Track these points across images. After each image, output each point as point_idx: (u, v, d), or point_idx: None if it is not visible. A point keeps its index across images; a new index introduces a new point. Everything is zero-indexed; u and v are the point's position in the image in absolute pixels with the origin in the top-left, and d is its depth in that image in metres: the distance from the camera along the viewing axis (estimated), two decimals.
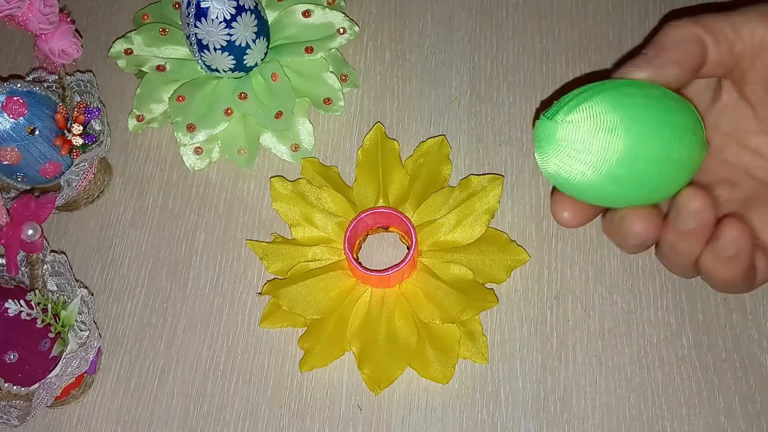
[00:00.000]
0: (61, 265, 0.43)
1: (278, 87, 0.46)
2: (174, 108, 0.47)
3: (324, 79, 0.48)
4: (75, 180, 0.45)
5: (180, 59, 0.48)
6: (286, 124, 0.46)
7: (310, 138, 0.48)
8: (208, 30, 0.43)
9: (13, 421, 0.40)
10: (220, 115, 0.46)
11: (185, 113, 0.47)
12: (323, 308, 0.42)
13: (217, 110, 0.46)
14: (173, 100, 0.47)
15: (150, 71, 0.48)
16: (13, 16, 0.45)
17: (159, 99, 0.48)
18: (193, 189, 0.48)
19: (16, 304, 0.38)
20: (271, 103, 0.46)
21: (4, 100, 0.41)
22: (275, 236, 0.46)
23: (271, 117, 0.46)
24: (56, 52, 0.47)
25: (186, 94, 0.47)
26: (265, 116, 0.46)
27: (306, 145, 0.47)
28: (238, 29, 0.43)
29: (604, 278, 0.44)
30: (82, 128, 0.44)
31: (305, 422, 0.42)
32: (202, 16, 0.42)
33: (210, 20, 0.42)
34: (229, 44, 0.44)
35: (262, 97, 0.46)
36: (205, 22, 0.42)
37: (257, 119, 0.46)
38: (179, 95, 0.47)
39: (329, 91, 0.48)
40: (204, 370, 0.43)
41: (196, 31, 0.43)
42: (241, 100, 0.46)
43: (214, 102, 0.47)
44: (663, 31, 0.32)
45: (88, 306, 0.43)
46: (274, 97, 0.46)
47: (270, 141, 0.47)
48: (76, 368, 0.40)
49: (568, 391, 0.41)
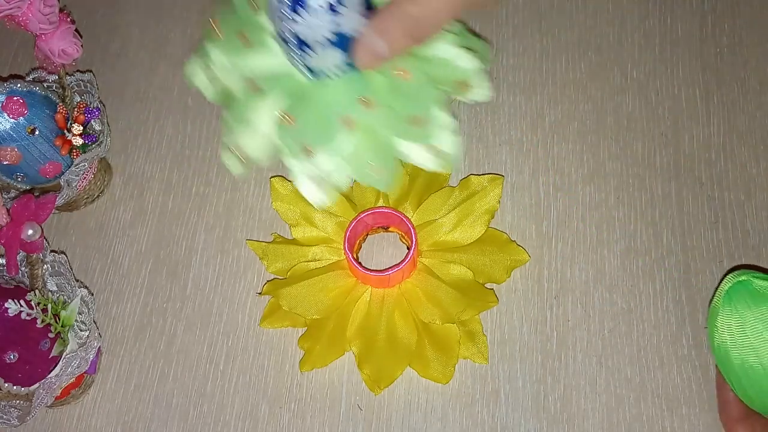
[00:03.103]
0: (61, 265, 0.43)
1: (410, 85, 0.36)
2: (281, 131, 0.36)
3: (455, 60, 0.38)
4: (75, 180, 0.45)
5: (274, 70, 0.38)
6: (427, 130, 0.36)
7: (453, 138, 0.37)
8: (309, 21, 0.34)
9: (13, 421, 0.40)
10: (341, 129, 0.36)
11: (296, 135, 0.36)
12: (323, 308, 0.41)
13: (335, 123, 0.36)
14: (278, 121, 0.37)
15: (239, 92, 0.38)
16: (13, 16, 0.45)
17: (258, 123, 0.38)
18: (193, 189, 0.48)
19: (16, 304, 0.38)
20: (403, 107, 0.36)
21: (4, 100, 0.41)
22: (275, 236, 0.46)
23: (407, 124, 0.36)
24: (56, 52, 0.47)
25: (292, 110, 0.37)
26: (399, 124, 0.36)
27: (449, 147, 0.37)
28: (346, 14, 0.34)
29: (604, 278, 0.44)
30: (82, 128, 0.44)
31: (305, 422, 0.42)
32: (298, 4, 0.33)
33: (310, 7, 0.34)
34: (337, 36, 0.35)
35: (388, 99, 0.37)
36: (305, 12, 0.34)
37: (389, 129, 0.37)
38: (284, 114, 0.37)
39: (466, 73, 0.37)
40: (204, 370, 0.43)
41: (294, 26, 0.34)
42: (364, 107, 0.36)
43: (329, 114, 0.37)
44: None
45: (88, 306, 0.43)
46: (406, 99, 0.36)
47: (409, 149, 0.37)
48: (76, 368, 0.40)
49: (568, 391, 0.41)
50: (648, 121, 0.47)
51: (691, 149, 0.46)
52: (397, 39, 0.34)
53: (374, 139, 0.37)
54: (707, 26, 0.50)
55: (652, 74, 0.49)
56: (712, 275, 0.43)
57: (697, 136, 0.47)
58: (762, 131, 0.46)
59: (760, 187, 0.45)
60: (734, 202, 0.45)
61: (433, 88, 0.37)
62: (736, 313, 0.36)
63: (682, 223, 0.45)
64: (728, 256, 0.43)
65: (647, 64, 0.49)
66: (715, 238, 0.44)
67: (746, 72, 0.48)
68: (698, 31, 0.49)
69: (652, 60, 0.49)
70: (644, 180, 0.46)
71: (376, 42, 0.34)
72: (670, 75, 0.49)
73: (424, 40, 0.35)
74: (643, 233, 0.44)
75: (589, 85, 0.49)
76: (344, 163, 0.37)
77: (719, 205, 0.45)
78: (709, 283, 0.43)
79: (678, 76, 0.48)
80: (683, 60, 0.49)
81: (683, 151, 0.46)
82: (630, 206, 0.45)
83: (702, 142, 0.47)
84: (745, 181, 0.45)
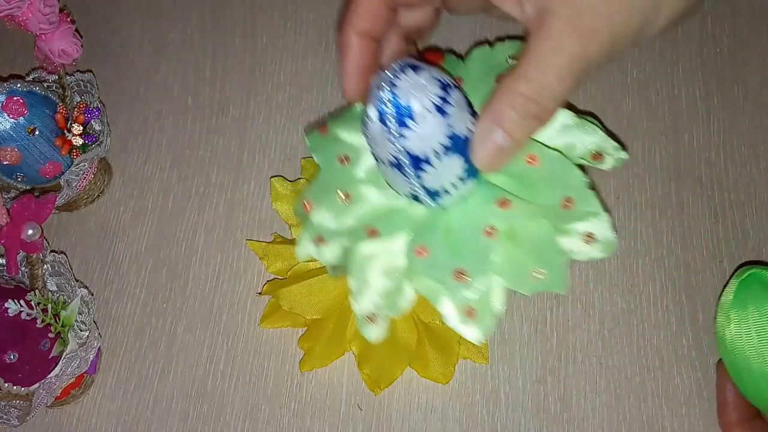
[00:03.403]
0: (61, 265, 0.43)
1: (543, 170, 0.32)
2: (416, 264, 0.32)
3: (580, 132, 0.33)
4: (75, 180, 0.45)
5: (385, 212, 0.34)
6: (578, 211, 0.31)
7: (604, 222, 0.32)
8: (419, 132, 0.29)
9: (13, 421, 0.40)
10: (484, 241, 0.31)
11: (435, 264, 0.31)
12: (323, 308, 0.41)
13: (479, 238, 0.31)
14: (410, 254, 0.32)
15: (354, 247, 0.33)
16: (13, 16, 0.45)
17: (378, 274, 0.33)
18: (193, 189, 0.48)
19: (16, 304, 0.38)
20: (543, 195, 0.32)
21: (4, 100, 0.41)
22: (275, 236, 0.46)
23: (554, 212, 0.31)
24: (56, 52, 0.47)
25: (423, 242, 0.32)
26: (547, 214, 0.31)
27: (603, 233, 0.32)
28: (455, 113, 0.30)
29: (604, 278, 0.44)
30: (82, 128, 0.44)
31: (305, 422, 0.42)
32: (405, 116, 0.29)
33: (418, 115, 0.29)
34: (451, 140, 0.30)
35: (525, 193, 0.32)
36: (413, 123, 0.29)
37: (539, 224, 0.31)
38: (416, 248, 0.32)
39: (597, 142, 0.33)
40: (204, 370, 0.43)
41: (404, 143, 0.30)
42: (502, 209, 0.31)
43: (468, 230, 0.32)
44: None
45: (88, 306, 0.43)
46: (544, 185, 0.32)
47: (570, 243, 0.32)
48: (76, 368, 0.40)
49: (568, 391, 0.41)
50: (648, 121, 0.47)
51: (691, 149, 0.46)
52: (516, 124, 0.29)
53: (527, 240, 0.31)
54: (707, 26, 0.50)
55: (652, 74, 0.49)
56: (712, 275, 0.43)
57: (697, 136, 0.47)
58: (762, 131, 0.46)
59: (760, 187, 0.45)
60: (734, 202, 0.45)
61: (571, 164, 0.32)
62: (752, 306, 0.36)
63: (682, 223, 0.45)
64: (728, 256, 0.43)
65: (647, 64, 0.49)
66: (715, 238, 0.44)
67: (746, 72, 0.48)
68: (698, 31, 0.49)
69: (652, 60, 0.49)
70: (644, 180, 0.46)
71: (495, 133, 0.29)
72: (670, 75, 0.48)
73: (546, 119, 0.30)
74: (643, 233, 0.44)
75: (589, 85, 0.49)
76: (502, 279, 0.31)
77: (719, 205, 0.45)
78: (709, 283, 0.43)
79: (678, 76, 0.48)
80: (683, 60, 0.49)
81: (683, 151, 0.46)
82: (630, 206, 0.45)
83: (702, 142, 0.46)
84: (745, 181, 0.45)
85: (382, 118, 0.29)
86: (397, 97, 0.29)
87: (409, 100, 0.29)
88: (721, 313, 0.37)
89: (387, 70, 0.30)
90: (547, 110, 0.29)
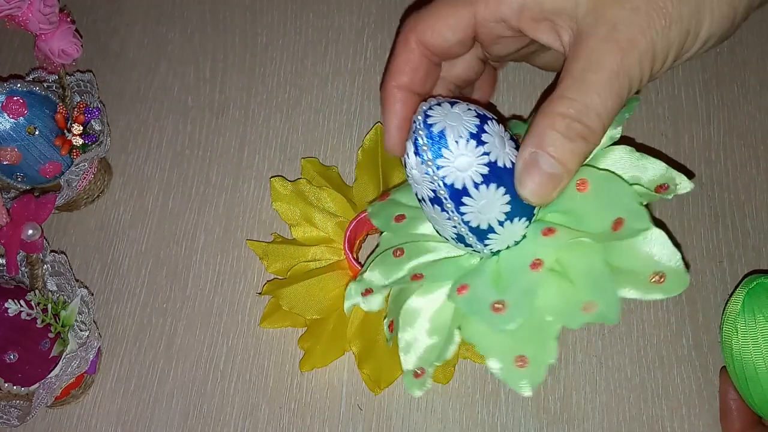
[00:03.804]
0: (61, 265, 0.43)
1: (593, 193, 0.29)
2: (457, 301, 0.30)
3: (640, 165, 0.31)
4: (75, 180, 0.45)
5: (434, 261, 0.33)
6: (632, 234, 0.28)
7: (671, 251, 0.28)
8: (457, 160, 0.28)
9: (13, 421, 0.40)
10: (529, 276, 0.29)
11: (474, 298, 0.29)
12: (323, 308, 0.41)
13: (520, 274, 0.29)
14: (452, 293, 0.30)
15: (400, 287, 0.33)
16: (13, 16, 0.45)
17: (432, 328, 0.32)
18: (193, 189, 0.48)
19: (16, 304, 0.38)
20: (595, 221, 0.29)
21: (4, 100, 0.41)
22: (275, 236, 0.46)
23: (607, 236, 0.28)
24: (56, 52, 0.47)
25: (465, 281, 0.30)
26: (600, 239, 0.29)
27: (671, 263, 0.28)
28: (491, 141, 0.29)
29: None
30: (82, 128, 0.44)
31: (305, 422, 0.42)
32: (438, 151, 0.28)
33: (453, 144, 0.28)
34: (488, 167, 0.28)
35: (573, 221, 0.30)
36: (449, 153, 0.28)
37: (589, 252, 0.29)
38: (457, 287, 0.30)
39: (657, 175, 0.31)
40: (204, 370, 0.43)
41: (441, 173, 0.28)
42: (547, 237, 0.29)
43: (510, 272, 0.30)
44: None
45: (88, 306, 0.43)
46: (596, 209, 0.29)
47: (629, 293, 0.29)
48: (76, 368, 0.40)
49: (568, 391, 0.41)
50: (648, 121, 0.47)
51: (691, 149, 0.46)
52: (562, 147, 0.27)
53: (576, 270, 0.29)
54: None
55: None
56: (712, 275, 0.43)
57: (697, 136, 0.47)
58: (762, 131, 0.46)
59: (760, 187, 0.45)
60: (734, 202, 0.45)
61: (620, 180, 0.29)
62: (759, 314, 0.36)
63: (682, 223, 0.45)
64: (728, 256, 0.43)
65: None
66: (715, 238, 0.44)
67: (746, 72, 0.48)
68: None
69: None
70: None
71: (541, 159, 0.27)
72: (670, 75, 0.48)
73: (593, 140, 0.27)
74: None
75: None
76: (551, 316, 0.29)
77: (719, 205, 0.45)
78: (709, 283, 0.43)
79: (678, 75, 0.48)
80: None
81: (683, 151, 0.46)
82: None
83: (702, 142, 0.47)
84: (745, 181, 0.45)
85: (417, 150, 0.29)
86: (431, 126, 0.28)
87: (443, 128, 0.28)
88: (728, 322, 0.37)
89: (423, 104, 0.29)
90: (592, 130, 0.27)
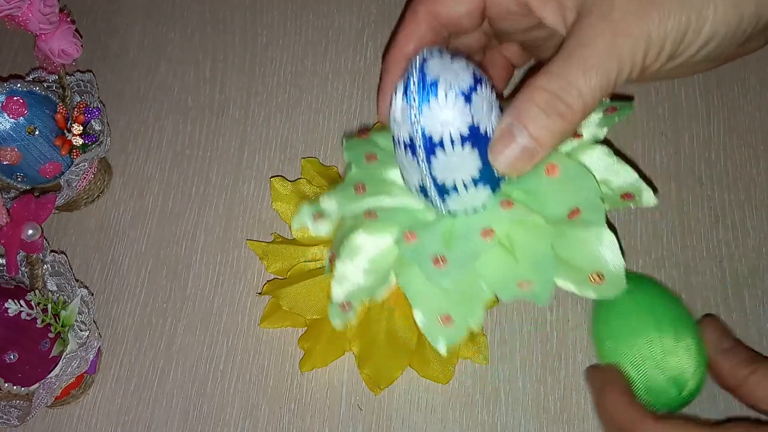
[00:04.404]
0: (61, 265, 0.43)
1: (559, 180, 0.30)
2: (402, 248, 0.31)
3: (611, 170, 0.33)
4: (75, 180, 0.45)
5: (391, 207, 0.33)
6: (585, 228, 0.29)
7: (617, 257, 0.30)
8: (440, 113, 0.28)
9: (13, 421, 0.40)
10: (478, 241, 0.30)
11: (419, 249, 0.30)
12: (323, 308, 0.41)
13: (470, 236, 0.30)
14: (399, 238, 0.31)
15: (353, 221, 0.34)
16: (13, 16, 0.45)
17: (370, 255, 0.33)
18: (193, 189, 0.48)
19: (16, 304, 0.38)
20: (552, 204, 0.30)
21: (4, 100, 0.41)
22: (275, 236, 0.46)
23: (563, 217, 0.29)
24: (56, 52, 0.47)
25: (414, 230, 0.31)
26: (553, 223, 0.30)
27: (614, 268, 0.30)
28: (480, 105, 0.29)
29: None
30: (82, 128, 0.44)
31: (305, 422, 0.42)
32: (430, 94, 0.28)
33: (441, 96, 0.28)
34: (469, 130, 0.28)
35: (534, 201, 0.30)
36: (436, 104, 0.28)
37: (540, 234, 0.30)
38: (406, 233, 0.31)
39: (627, 183, 0.33)
40: (204, 370, 0.43)
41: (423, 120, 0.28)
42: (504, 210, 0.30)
43: (460, 232, 0.31)
44: None
45: (88, 306, 0.43)
46: (556, 194, 0.30)
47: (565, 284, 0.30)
48: (76, 368, 0.40)
49: (568, 391, 0.41)
50: (648, 121, 0.47)
51: (691, 149, 0.46)
52: (539, 123, 0.27)
53: (523, 249, 0.30)
54: None
55: None
56: (712, 275, 0.43)
57: (697, 136, 0.47)
58: (762, 131, 0.46)
59: (760, 187, 0.45)
60: (734, 202, 0.45)
61: (589, 174, 0.30)
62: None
63: (682, 223, 0.45)
64: (728, 256, 0.43)
65: None
66: (715, 238, 0.44)
67: (746, 72, 0.48)
68: None
69: None
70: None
71: (517, 132, 0.27)
72: None
73: (572, 120, 0.27)
74: (643, 233, 0.44)
75: None
76: (485, 281, 0.30)
77: (719, 205, 0.45)
78: (709, 283, 0.43)
79: None
80: None
81: (683, 151, 0.46)
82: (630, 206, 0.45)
83: (702, 141, 0.46)
84: (745, 181, 0.45)
85: (405, 92, 0.28)
86: (425, 74, 0.28)
87: (437, 79, 0.28)
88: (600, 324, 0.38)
89: (426, 49, 0.29)
90: (571, 109, 0.27)
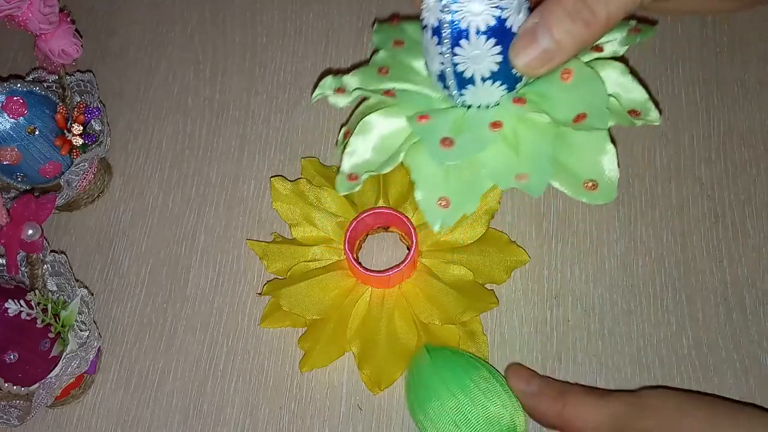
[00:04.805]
0: (61, 265, 0.43)
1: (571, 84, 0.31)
2: (413, 126, 0.32)
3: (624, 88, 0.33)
4: (75, 180, 0.45)
5: (410, 91, 0.34)
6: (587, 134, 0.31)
7: (614, 167, 0.31)
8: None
9: (13, 421, 0.40)
10: (485, 131, 0.31)
11: (430, 129, 0.32)
12: (323, 308, 0.41)
13: (479, 126, 0.31)
14: (412, 120, 0.32)
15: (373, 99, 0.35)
16: (13, 16, 0.45)
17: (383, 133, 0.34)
18: (193, 189, 0.48)
19: (16, 304, 0.38)
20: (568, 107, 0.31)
21: (4, 100, 0.41)
22: (275, 236, 0.46)
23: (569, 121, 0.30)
24: (56, 52, 0.47)
25: (428, 112, 0.32)
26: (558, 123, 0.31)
27: (609, 177, 0.31)
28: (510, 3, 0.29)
29: (604, 278, 0.44)
30: (82, 128, 0.44)
31: (305, 422, 0.42)
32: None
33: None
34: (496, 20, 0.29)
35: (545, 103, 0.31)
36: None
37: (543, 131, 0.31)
38: (420, 116, 0.32)
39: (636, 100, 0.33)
40: (204, 370, 0.43)
41: (453, 8, 0.30)
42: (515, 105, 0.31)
43: (470, 122, 0.32)
44: None
45: (88, 306, 0.43)
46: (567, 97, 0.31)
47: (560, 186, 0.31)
48: (76, 368, 0.40)
49: None
50: None
51: (691, 149, 0.46)
52: (564, 26, 0.27)
53: (525, 144, 0.31)
54: (707, 26, 0.50)
55: (652, 74, 0.49)
56: (712, 275, 0.43)
57: (697, 136, 0.47)
58: (762, 131, 0.46)
59: (760, 187, 0.45)
60: (734, 202, 0.45)
61: (601, 83, 0.31)
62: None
63: (682, 223, 0.45)
64: (728, 256, 0.43)
65: (647, 63, 0.49)
66: (715, 238, 0.44)
67: (746, 72, 0.48)
68: (698, 31, 0.49)
69: (652, 60, 0.49)
70: (644, 180, 0.46)
71: (540, 32, 0.27)
72: (670, 75, 0.48)
73: (595, 30, 0.27)
74: (643, 233, 0.44)
75: None
76: (486, 169, 0.31)
77: (719, 205, 0.45)
78: (709, 283, 0.43)
79: (678, 76, 0.48)
80: (683, 60, 0.49)
81: (683, 151, 0.46)
82: (630, 206, 0.45)
83: (702, 142, 0.47)
84: (745, 181, 0.45)
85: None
86: None
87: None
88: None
89: None
90: (596, 17, 0.27)
